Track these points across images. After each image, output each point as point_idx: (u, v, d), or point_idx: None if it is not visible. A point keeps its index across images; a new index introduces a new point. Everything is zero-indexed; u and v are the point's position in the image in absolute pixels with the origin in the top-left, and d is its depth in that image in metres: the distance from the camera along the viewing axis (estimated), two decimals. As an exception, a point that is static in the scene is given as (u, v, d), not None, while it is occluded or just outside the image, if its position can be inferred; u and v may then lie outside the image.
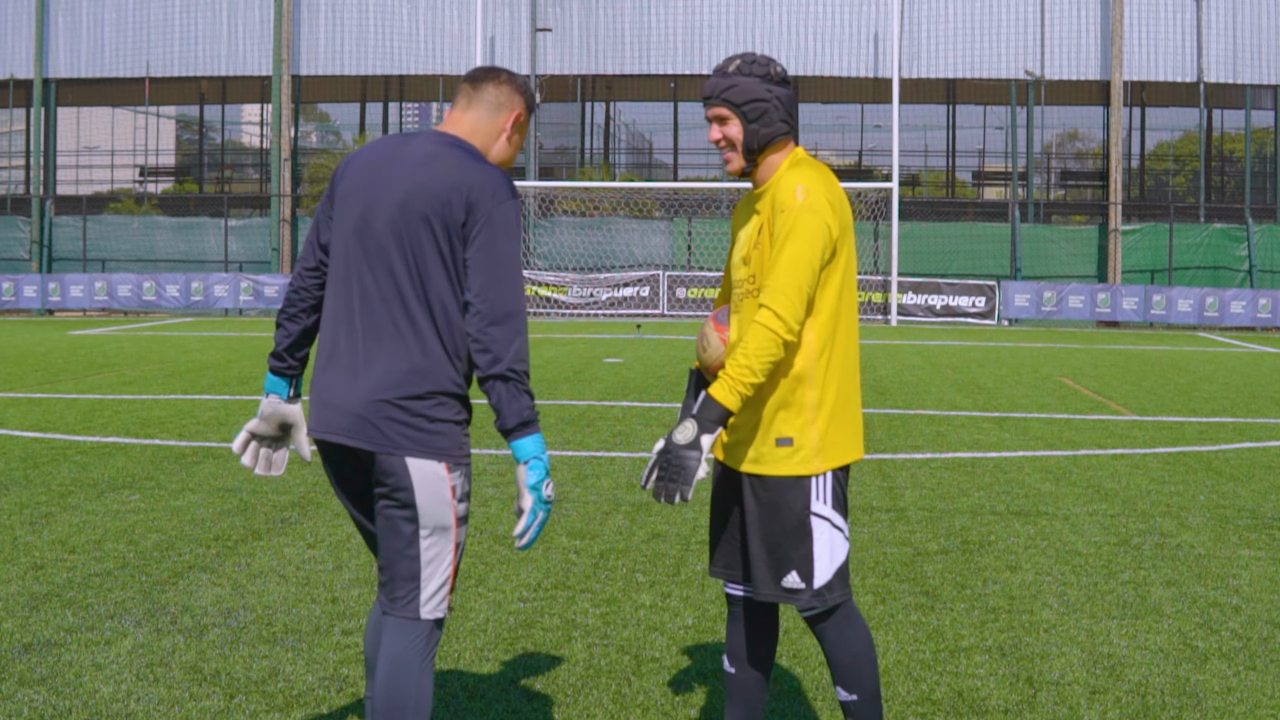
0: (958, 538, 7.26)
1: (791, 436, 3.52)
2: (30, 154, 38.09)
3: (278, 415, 3.58)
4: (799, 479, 3.54)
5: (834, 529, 3.58)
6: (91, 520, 7.43)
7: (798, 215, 3.44)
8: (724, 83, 3.57)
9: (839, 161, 47.97)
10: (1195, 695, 4.70)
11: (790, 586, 3.56)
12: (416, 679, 3.27)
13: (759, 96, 3.54)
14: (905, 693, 4.68)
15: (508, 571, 6.33)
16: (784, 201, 3.48)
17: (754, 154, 3.59)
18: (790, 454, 3.52)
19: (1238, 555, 6.91)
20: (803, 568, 3.55)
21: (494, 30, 35.14)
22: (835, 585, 3.57)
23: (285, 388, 3.58)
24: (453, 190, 3.26)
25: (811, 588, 3.55)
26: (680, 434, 3.41)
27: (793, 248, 3.42)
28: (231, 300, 33.45)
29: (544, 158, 40.29)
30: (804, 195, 3.46)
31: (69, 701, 4.46)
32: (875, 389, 15.44)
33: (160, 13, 36.03)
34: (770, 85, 3.56)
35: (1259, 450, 10.79)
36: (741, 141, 3.57)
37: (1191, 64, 34.06)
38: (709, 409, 3.41)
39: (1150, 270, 33.95)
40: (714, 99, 3.58)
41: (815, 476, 3.54)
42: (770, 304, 3.40)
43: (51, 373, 16.68)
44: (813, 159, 3.63)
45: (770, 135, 3.57)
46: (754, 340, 3.39)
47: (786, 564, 3.55)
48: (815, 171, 3.55)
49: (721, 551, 3.75)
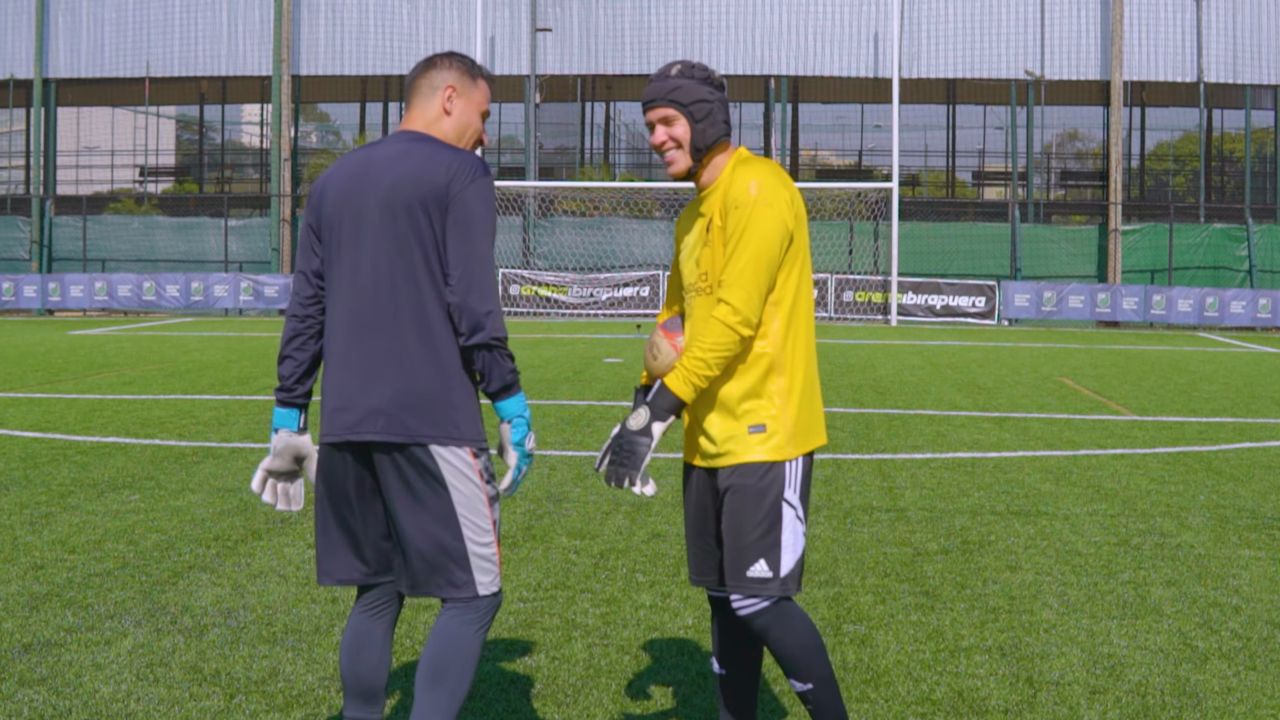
0: (958, 538, 7.26)
1: (765, 423, 3.54)
2: (30, 154, 38.10)
3: (291, 449, 3.62)
4: (773, 464, 3.55)
5: (798, 519, 3.59)
6: (91, 520, 7.43)
7: (753, 210, 3.49)
8: (668, 85, 3.62)
9: (839, 161, 47.98)
10: (1195, 695, 4.69)
11: (757, 576, 3.55)
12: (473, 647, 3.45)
13: (703, 97, 3.60)
14: (905, 693, 4.68)
15: (508, 571, 6.33)
16: (737, 198, 3.52)
17: (700, 153, 3.63)
18: (764, 440, 3.54)
19: (1238, 555, 6.91)
20: (770, 555, 3.54)
21: (494, 30, 35.14)
22: (796, 574, 3.58)
23: (295, 420, 3.62)
24: (431, 175, 3.40)
25: (779, 576, 3.55)
26: (633, 420, 3.51)
27: (751, 243, 3.47)
28: (231, 300, 33.45)
29: (544, 158, 40.30)
30: (758, 190, 3.50)
31: (69, 701, 4.46)
32: (875, 389, 15.43)
33: (160, 13, 36.03)
34: (710, 88, 3.62)
35: (1259, 450, 10.79)
36: (689, 140, 3.60)
37: (1191, 64, 34.07)
38: (663, 397, 3.50)
39: (1150, 270, 33.96)
40: (659, 101, 3.62)
41: (789, 462, 3.56)
42: (728, 298, 3.46)
43: (51, 373, 16.68)
44: (758, 156, 3.66)
45: (715, 135, 3.61)
46: (711, 334, 3.46)
47: (753, 553, 3.55)
48: (765, 167, 3.59)
49: (698, 558, 3.76)
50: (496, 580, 3.47)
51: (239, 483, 8.67)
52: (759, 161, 3.61)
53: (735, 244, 3.48)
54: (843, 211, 35.03)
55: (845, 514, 7.88)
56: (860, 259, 34.07)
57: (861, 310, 32.83)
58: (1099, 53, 34.13)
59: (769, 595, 3.55)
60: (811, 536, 7.21)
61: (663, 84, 3.63)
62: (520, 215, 34.95)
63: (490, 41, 35.18)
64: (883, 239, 33.85)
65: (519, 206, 34.89)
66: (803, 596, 5.93)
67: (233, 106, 45.63)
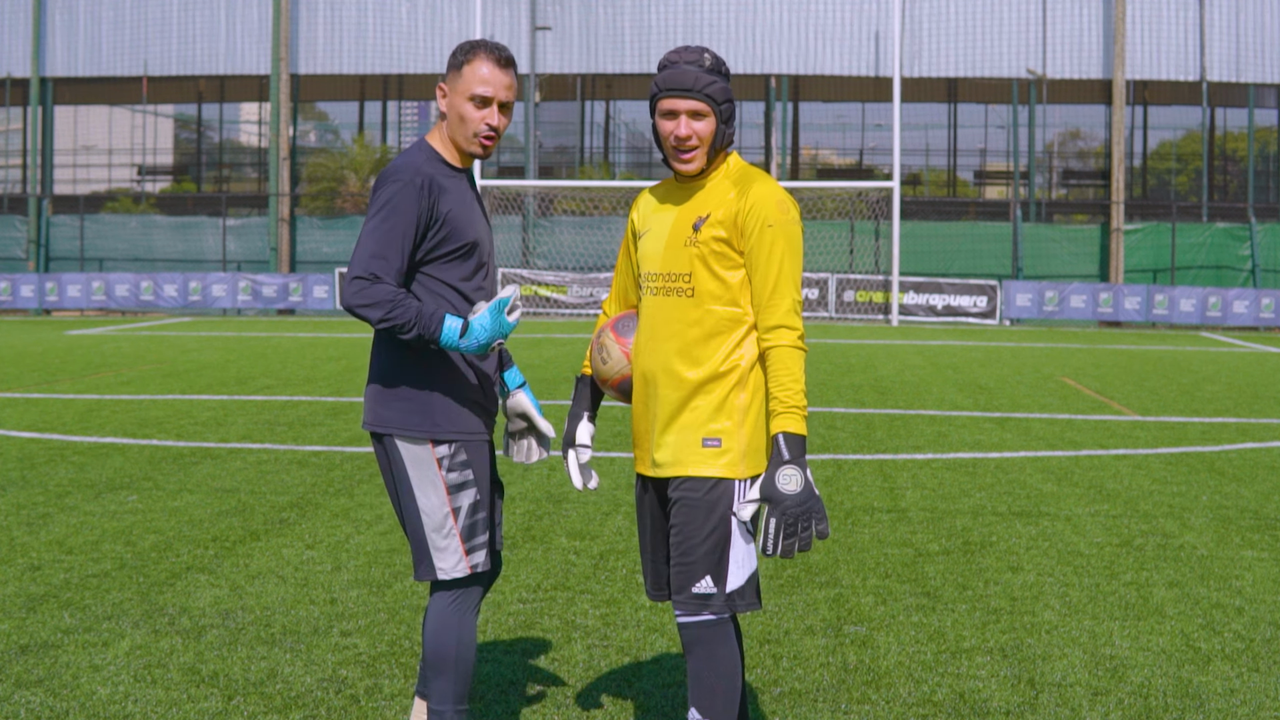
0: (959, 538, 7.23)
1: (720, 438, 3.47)
2: (27, 153, 38.08)
3: (514, 407, 3.80)
4: (723, 480, 3.46)
5: (749, 534, 3.49)
6: (89, 521, 7.40)
7: (788, 230, 3.45)
8: (706, 78, 3.44)
9: (840, 161, 47.96)
10: (1198, 697, 4.67)
11: (700, 591, 3.46)
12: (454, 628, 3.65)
13: (731, 98, 3.50)
14: (906, 694, 4.66)
15: (507, 572, 6.31)
16: (769, 216, 3.45)
17: (713, 155, 3.53)
18: (717, 455, 3.46)
19: (1240, 556, 6.88)
20: (716, 571, 3.45)
21: (493, 29, 35.11)
22: (746, 592, 3.48)
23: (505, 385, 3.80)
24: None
25: (724, 591, 3.45)
26: (790, 484, 3.36)
27: (790, 263, 3.45)
28: (230, 300, 33.42)
29: (544, 157, 40.28)
30: (785, 210, 3.46)
31: (66, 703, 4.43)
32: (876, 389, 15.41)
33: (158, 11, 36.01)
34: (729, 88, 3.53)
35: (1262, 451, 10.77)
36: (711, 140, 3.49)
37: (1194, 62, 34.04)
38: (795, 445, 3.38)
39: (1153, 270, 33.93)
40: (696, 92, 3.43)
41: (739, 481, 3.47)
42: (787, 323, 3.44)
43: (49, 373, 16.65)
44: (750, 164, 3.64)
45: (730, 137, 3.53)
46: (793, 366, 3.41)
47: (700, 568, 3.46)
48: (774, 182, 3.53)
49: (654, 572, 3.69)
50: (462, 564, 3.63)
51: (237, 483, 8.64)
52: (767, 176, 3.54)
53: (774, 264, 3.44)
54: (843, 211, 35.01)
55: (846, 514, 7.85)
56: (861, 258, 34.05)
57: (862, 310, 32.81)
58: (1101, 51, 34.11)
59: (713, 611, 3.45)
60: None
61: (697, 74, 3.43)
62: (520, 215, 34.94)
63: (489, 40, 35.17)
64: (884, 238, 33.83)
65: (518, 206, 34.87)
66: (804, 597, 5.91)
67: (231, 105, 45.57)
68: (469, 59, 3.60)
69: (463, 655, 3.64)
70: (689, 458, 3.47)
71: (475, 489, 3.65)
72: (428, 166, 3.59)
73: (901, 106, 33.41)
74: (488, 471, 3.71)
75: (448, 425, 3.60)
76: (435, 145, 3.69)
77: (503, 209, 34.57)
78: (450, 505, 3.61)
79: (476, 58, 3.59)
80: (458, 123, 3.62)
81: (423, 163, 3.60)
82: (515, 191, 34.73)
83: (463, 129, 3.62)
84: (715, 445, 3.46)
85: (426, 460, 3.60)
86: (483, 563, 3.66)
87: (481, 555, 3.67)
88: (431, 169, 3.60)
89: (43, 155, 37.03)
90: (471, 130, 3.62)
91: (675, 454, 3.49)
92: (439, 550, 3.62)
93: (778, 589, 6.07)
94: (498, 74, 3.61)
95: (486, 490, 3.70)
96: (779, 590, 6.05)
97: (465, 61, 3.60)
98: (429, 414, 3.59)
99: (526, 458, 3.85)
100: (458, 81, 3.60)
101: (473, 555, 3.64)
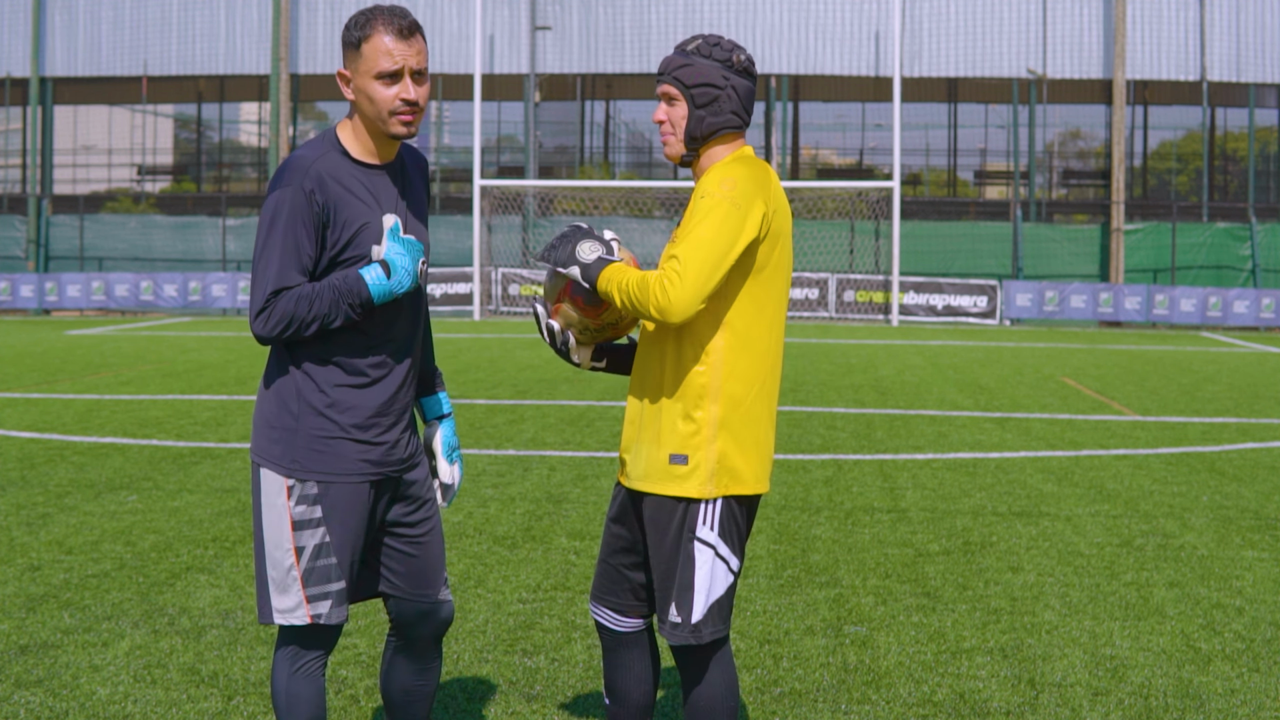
0: (959, 538, 7.23)
1: (686, 454, 3.29)
2: (27, 153, 38.06)
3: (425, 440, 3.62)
4: (685, 501, 3.31)
5: (718, 559, 3.33)
6: (89, 521, 7.40)
7: (718, 203, 3.20)
8: (678, 60, 3.31)
9: (840, 160, 47.97)
10: (1198, 697, 4.66)
11: (670, 620, 3.34)
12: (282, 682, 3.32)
13: (713, 82, 3.28)
14: (906, 694, 4.65)
15: (507, 573, 6.30)
16: (707, 188, 3.24)
17: (696, 142, 3.33)
18: (684, 474, 3.29)
19: (1241, 556, 6.88)
20: (681, 599, 3.32)
21: (493, 28, 35.11)
22: (710, 621, 3.33)
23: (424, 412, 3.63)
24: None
25: (688, 622, 3.31)
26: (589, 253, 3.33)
27: (709, 230, 3.18)
28: (229, 300, 33.41)
29: (544, 157, 40.27)
30: (730, 188, 3.21)
31: (66, 704, 4.43)
32: (876, 389, 15.41)
33: (158, 11, 36.00)
34: (729, 73, 3.30)
35: (1262, 451, 10.76)
36: (684, 127, 3.31)
37: (1195, 62, 34.03)
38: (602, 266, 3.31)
39: (1153, 270, 33.92)
40: (665, 75, 3.32)
41: (705, 502, 3.30)
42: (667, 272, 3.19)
43: (48, 373, 16.65)
44: (760, 160, 3.38)
45: (717, 126, 3.30)
46: (648, 283, 3.21)
47: (667, 596, 3.34)
48: (755, 170, 3.30)
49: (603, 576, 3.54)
50: (301, 610, 3.25)
51: (237, 483, 8.64)
52: (753, 164, 3.33)
53: (693, 228, 3.19)
54: (844, 211, 35.01)
55: (846, 515, 7.85)
56: (861, 258, 34.04)
57: (862, 310, 32.80)
58: (1101, 51, 34.10)
59: (679, 641, 3.34)
60: (813, 537, 7.19)
61: (675, 58, 3.33)
62: (520, 215, 34.93)
63: (490, 40, 35.16)
64: (884, 238, 33.82)
65: (518, 206, 34.86)
66: (804, 597, 5.90)
67: (230, 105, 45.58)
68: (366, 34, 3.14)
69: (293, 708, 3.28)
70: (655, 474, 3.33)
71: (325, 529, 3.25)
72: (321, 164, 3.19)
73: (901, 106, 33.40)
74: (358, 516, 3.28)
75: (307, 462, 3.24)
76: (343, 139, 3.26)
77: (502, 209, 34.56)
78: (294, 543, 3.24)
79: (374, 31, 3.14)
80: (369, 106, 3.19)
81: (315, 160, 3.19)
82: (515, 191, 34.73)
83: (375, 111, 3.18)
84: (681, 463, 3.30)
85: (278, 491, 3.25)
86: (328, 615, 3.26)
87: (326, 606, 3.26)
88: (326, 166, 3.19)
89: (42, 155, 37.03)
90: (386, 110, 3.18)
91: (646, 468, 3.35)
92: (278, 589, 3.26)
93: (778, 589, 6.06)
94: (400, 44, 3.15)
95: (348, 535, 3.28)
96: (779, 590, 6.04)
97: (363, 38, 3.15)
98: (290, 447, 3.24)
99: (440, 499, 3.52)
100: (358, 62, 3.16)
101: (315, 604, 3.25)
